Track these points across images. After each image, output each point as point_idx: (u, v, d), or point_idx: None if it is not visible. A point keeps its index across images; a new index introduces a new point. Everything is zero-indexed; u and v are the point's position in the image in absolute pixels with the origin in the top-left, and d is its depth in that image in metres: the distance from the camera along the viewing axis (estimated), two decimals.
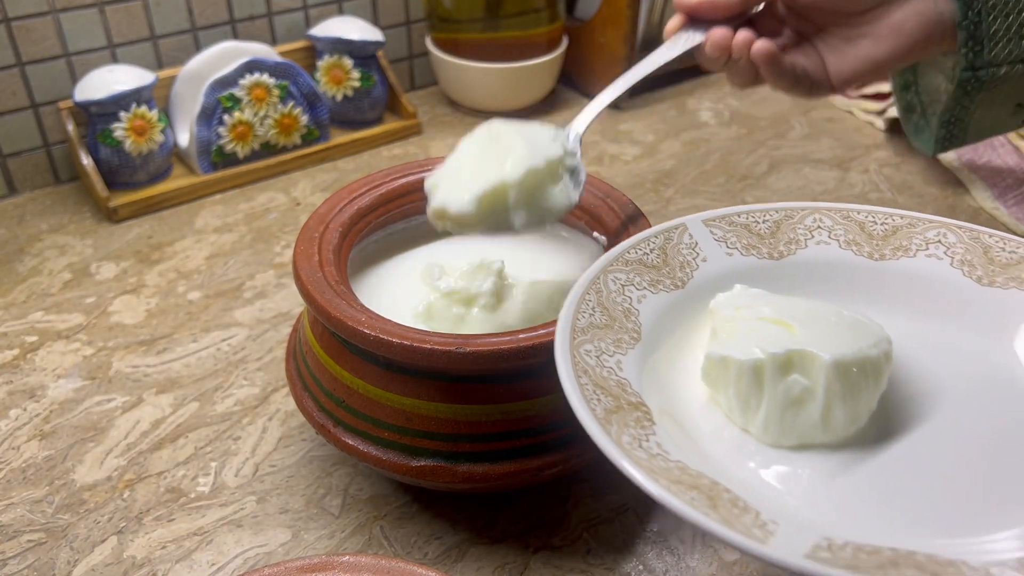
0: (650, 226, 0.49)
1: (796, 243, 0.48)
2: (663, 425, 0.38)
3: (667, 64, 0.52)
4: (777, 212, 0.48)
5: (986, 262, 0.46)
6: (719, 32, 0.50)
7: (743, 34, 0.49)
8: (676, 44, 0.51)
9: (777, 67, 0.50)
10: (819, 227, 0.48)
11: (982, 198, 0.76)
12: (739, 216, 0.48)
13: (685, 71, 0.98)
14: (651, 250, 0.46)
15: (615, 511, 0.49)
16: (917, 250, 0.47)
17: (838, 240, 0.47)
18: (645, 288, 0.44)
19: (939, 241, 0.47)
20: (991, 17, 0.46)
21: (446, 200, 0.45)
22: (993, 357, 0.43)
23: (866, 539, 0.34)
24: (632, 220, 0.49)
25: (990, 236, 0.47)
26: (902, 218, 0.48)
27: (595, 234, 0.52)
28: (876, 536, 0.34)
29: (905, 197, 0.78)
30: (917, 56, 0.49)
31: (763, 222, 0.48)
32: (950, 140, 0.54)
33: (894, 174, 0.81)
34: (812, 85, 0.52)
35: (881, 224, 0.48)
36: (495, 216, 0.46)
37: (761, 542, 0.32)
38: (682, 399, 0.41)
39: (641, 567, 0.46)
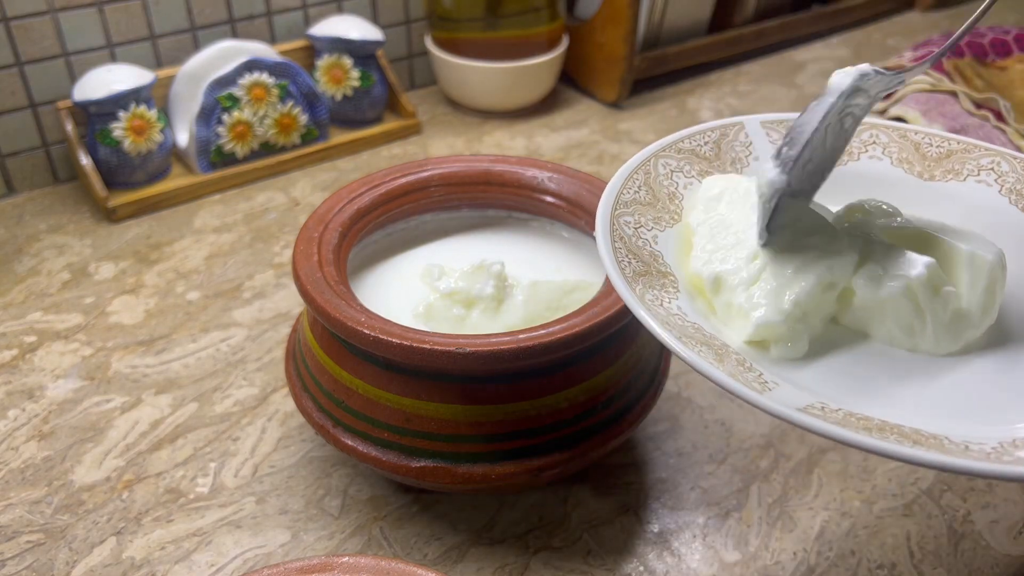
0: None
1: (849, 154, 0.47)
2: (689, 296, 0.38)
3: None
4: None
5: None
6: None
7: None
8: None
9: None
10: (874, 142, 0.47)
11: None
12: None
13: (686, 70, 0.98)
14: (705, 143, 0.46)
15: (615, 512, 0.49)
16: (968, 175, 0.46)
17: (891, 156, 0.47)
18: (693, 176, 0.44)
19: (991, 168, 0.46)
20: None
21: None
22: None
23: (860, 410, 0.34)
24: None
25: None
26: (959, 143, 0.47)
27: (595, 234, 0.51)
28: (870, 410, 0.35)
29: None
30: None
31: None
32: None
33: None
34: None
35: (936, 147, 0.47)
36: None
37: (758, 392, 0.33)
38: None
39: (641, 568, 0.46)
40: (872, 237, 0.39)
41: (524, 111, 0.91)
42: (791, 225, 0.38)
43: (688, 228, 0.42)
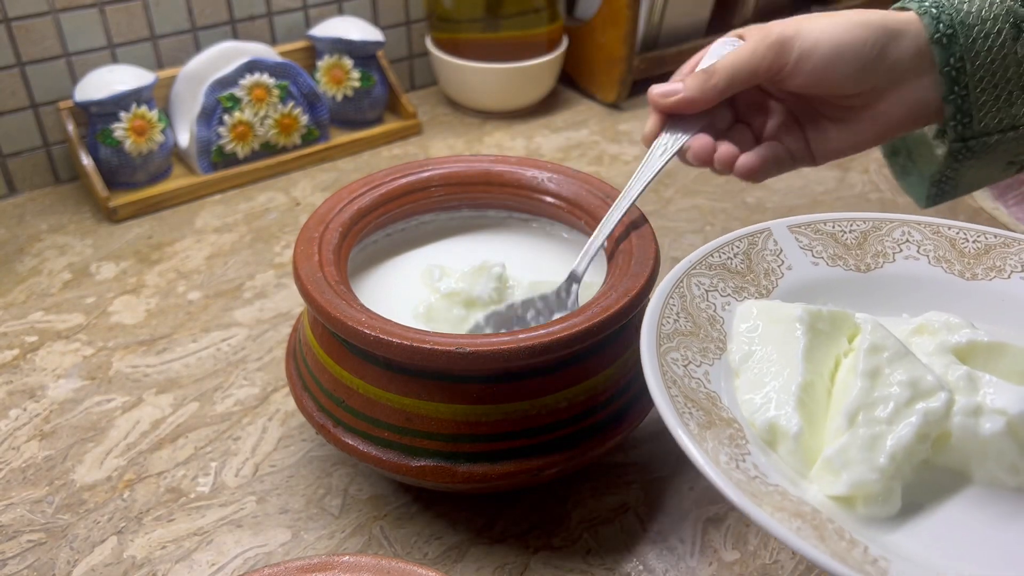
0: (650, 227, 0.49)
1: (884, 256, 0.46)
2: (755, 443, 0.36)
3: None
4: (864, 223, 0.47)
5: None
6: (700, 144, 0.48)
7: (725, 149, 0.48)
8: (657, 153, 0.48)
9: (764, 175, 0.49)
10: (908, 241, 0.46)
11: (982, 198, 0.76)
12: (825, 224, 0.47)
13: None
14: (735, 255, 0.45)
15: (615, 511, 0.49)
16: (1012, 272, 0.44)
17: (927, 256, 0.46)
18: (729, 295, 0.42)
19: None
20: (978, 89, 0.45)
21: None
22: None
23: None
24: (632, 220, 0.49)
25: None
26: (996, 237, 0.46)
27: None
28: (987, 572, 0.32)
29: (905, 198, 0.78)
30: (901, 133, 0.49)
31: (850, 232, 0.47)
32: (940, 196, 0.52)
33: None
34: (793, 162, 0.51)
35: (973, 242, 0.46)
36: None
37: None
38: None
39: (641, 567, 0.46)
40: (952, 361, 0.37)
41: (524, 112, 0.91)
42: (872, 352, 0.37)
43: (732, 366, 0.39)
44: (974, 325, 0.40)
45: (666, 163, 0.48)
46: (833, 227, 0.47)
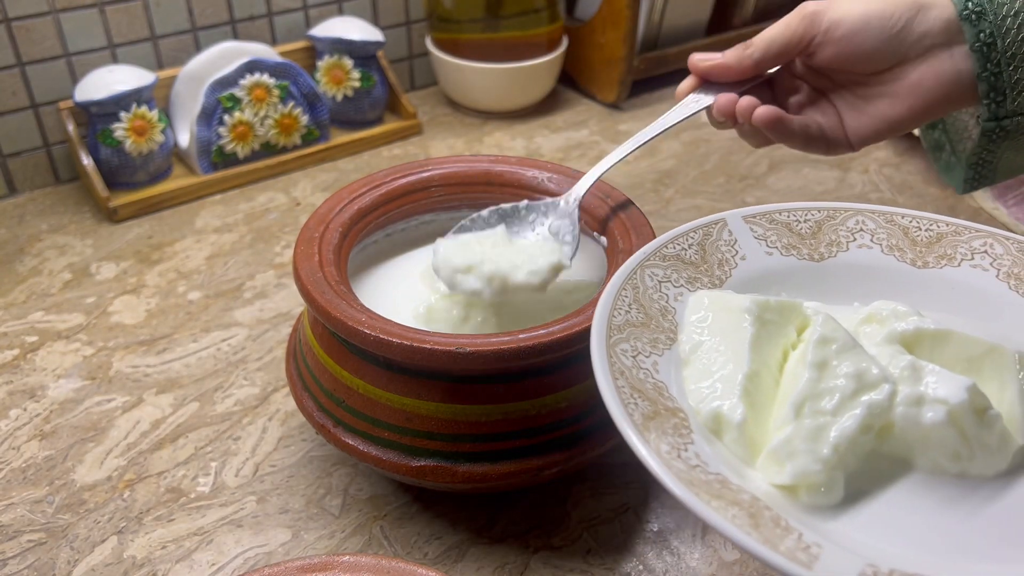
0: (650, 227, 0.49)
1: (837, 245, 0.46)
2: (700, 433, 0.36)
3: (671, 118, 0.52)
4: (819, 212, 0.47)
5: None
6: (724, 98, 0.50)
7: (747, 100, 0.49)
8: (686, 106, 0.51)
9: (783, 129, 0.49)
10: (861, 230, 0.47)
11: (982, 198, 0.76)
12: (780, 214, 0.47)
13: (685, 71, 0.98)
14: (689, 245, 0.45)
15: (615, 511, 0.49)
16: (962, 260, 0.45)
17: (880, 244, 0.46)
18: (682, 285, 0.43)
19: (985, 251, 0.45)
20: (1011, 67, 0.45)
21: None
22: None
23: (912, 568, 0.32)
24: (632, 220, 0.49)
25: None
26: (947, 225, 0.46)
27: (595, 234, 0.52)
28: (920, 563, 0.32)
29: (905, 197, 0.78)
30: (939, 114, 0.48)
31: (804, 221, 0.47)
32: (979, 180, 0.52)
33: (894, 174, 0.81)
34: (829, 144, 0.50)
35: (926, 230, 0.46)
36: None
37: (806, 567, 0.30)
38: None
39: (641, 567, 0.46)
40: (898, 350, 0.38)
41: (524, 112, 0.91)
42: (820, 344, 0.37)
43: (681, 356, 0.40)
44: (921, 313, 0.40)
45: (692, 114, 0.51)
46: (788, 216, 0.47)
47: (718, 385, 0.38)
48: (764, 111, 0.49)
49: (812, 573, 0.30)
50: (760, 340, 0.39)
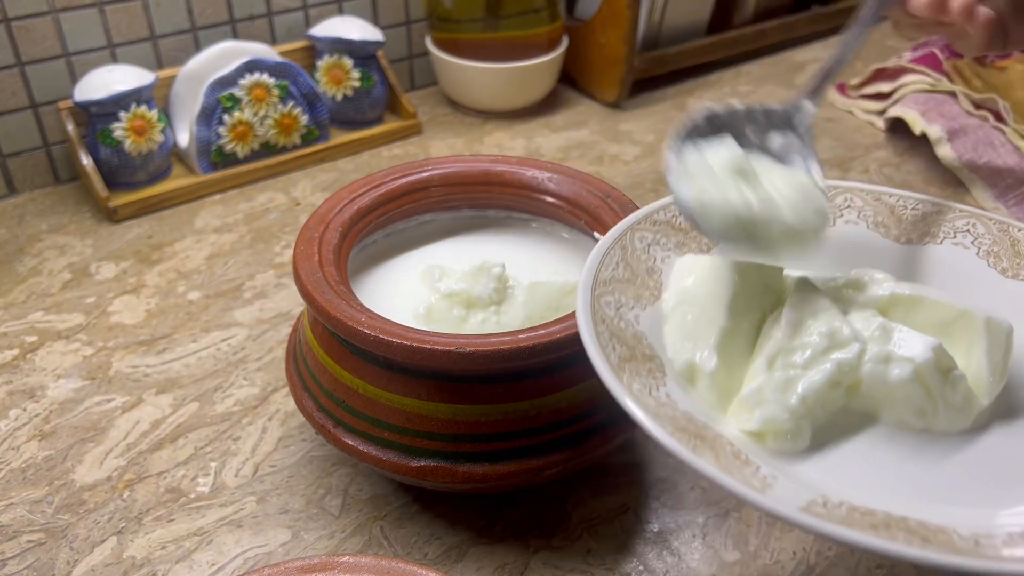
0: None
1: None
2: (674, 379, 0.38)
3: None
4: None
5: (1013, 255, 0.45)
6: None
7: None
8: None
9: (993, 37, 0.45)
10: (849, 207, 0.48)
11: (982, 198, 0.76)
12: None
13: (686, 71, 0.98)
14: (679, 213, 0.46)
15: (615, 511, 0.49)
16: (944, 237, 0.46)
17: (867, 220, 0.47)
18: (671, 249, 0.44)
19: (967, 231, 0.46)
20: None
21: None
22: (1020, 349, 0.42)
23: (861, 501, 0.34)
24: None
25: (1020, 230, 0.47)
26: (932, 205, 0.47)
27: (595, 234, 0.52)
28: (872, 501, 0.34)
29: None
30: None
31: None
32: None
33: (894, 174, 0.81)
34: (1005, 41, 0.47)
35: (911, 209, 0.47)
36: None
37: (758, 492, 0.32)
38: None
39: (641, 567, 0.46)
40: (872, 314, 0.39)
41: (524, 112, 0.91)
42: (798, 306, 0.39)
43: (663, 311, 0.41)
44: (897, 281, 0.42)
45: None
46: None
47: (695, 340, 0.39)
48: (986, 13, 0.44)
49: (763, 498, 0.31)
50: (739, 301, 0.40)
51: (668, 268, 0.43)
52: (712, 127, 0.43)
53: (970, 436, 0.38)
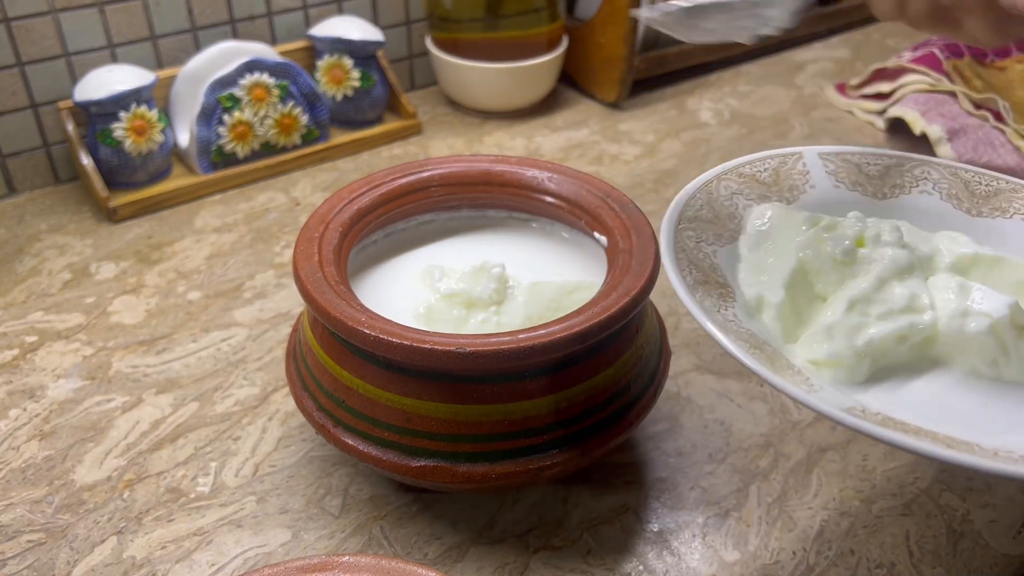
0: (650, 226, 0.49)
1: (900, 188, 0.51)
2: (742, 308, 0.42)
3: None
4: (890, 158, 0.52)
5: None
6: None
7: None
8: None
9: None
10: (926, 178, 0.51)
11: None
12: (853, 155, 0.52)
13: (685, 71, 0.98)
14: (764, 169, 0.50)
15: (615, 511, 0.49)
16: (1014, 212, 0.49)
17: (940, 192, 0.50)
18: (752, 199, 0.48)
19: None
20: None
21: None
22: None
23: (900, 417, 0.37)
24: (632, 220, 0.49)
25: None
26: (1007, 183, 0.50)
27: (595, 234, 0.52)
28: (912, 419, 0.37)
29: None
30: None
31: (874, 164, 0.51)
32: None
33: None
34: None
35: (986, 185, 0.50)
36: None
37: (804, 392, 0.36)
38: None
39: (641, 567, 0.46)
40: (951, 276, 0.43)
41: (524, 111, 0.91)
42: (889, 265, 0.42)
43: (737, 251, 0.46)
44: (979, 243, 0.46)
45: None
46: (859, 158, 0.52)
47: (764, 277, 0.44)
48: None
49: (808, 395, 0.35)
50: (809, 246, 0.44)
51: (747, 214, 0.47)
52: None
53: None
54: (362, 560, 0.36)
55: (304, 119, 0.80)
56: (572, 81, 0.96)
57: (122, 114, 0.72)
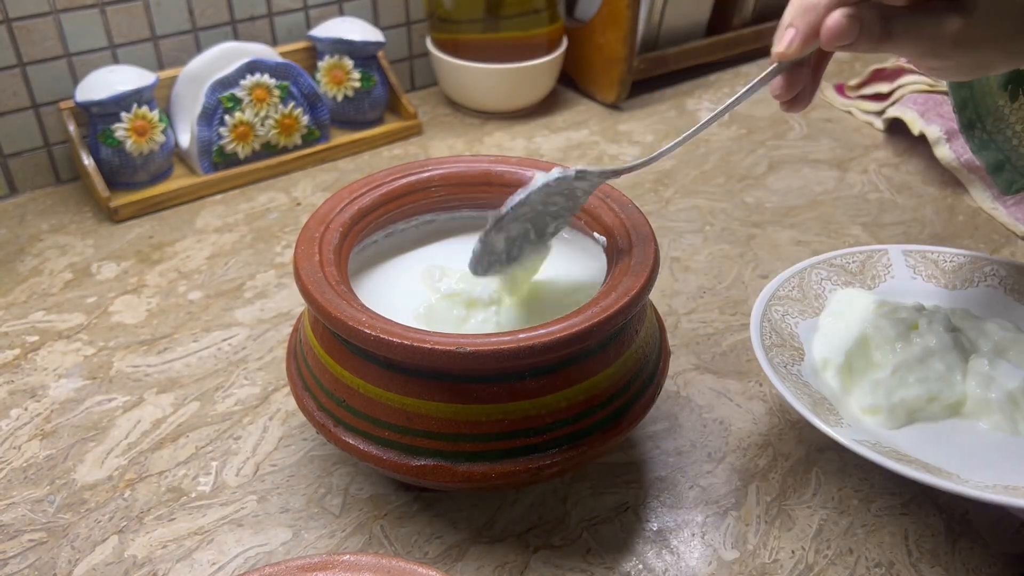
0: (650, 226, 0.49)
1: (969, 282, 0.60)
2: (810, 367, 0.53)
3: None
4: (964, 257, 0.61)
5: None
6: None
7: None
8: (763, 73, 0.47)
9: (847, 37, 0.43)
10: (994, 274, 0.60)
11: (981, 198, 0.76)
12: (931, 253, 0.61)
13: (685, 72, 0.98)
14: (854, 261, 0.60)
15: (615, 511, 0.49)
16: None
17: (1005, 287, 0.59)
18: (839, 285, 0.59)
19: None
20: None
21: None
22: None
23: (909, 451, 0.48)
24: (632, 220, 0.50)
25: None
26: None
27: (595, 234, 0.52)
28: (922, 455, 0.47)
29: (904, 197, 0.78)
30: None
31: (949, 262, 0.61)
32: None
33: (893, 174, 0.81)
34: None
35: None
36: None
37: (824, 423, 0.46)
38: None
39: (641, 566, 0.47)
40: (986, 355, 0.52)
41: (524, 112, 0.91)
42: (933, 342, 0.52)
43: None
44: (1020, 328, 0.55)
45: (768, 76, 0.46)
46: (937, 256, 0.61)
47: (834, 344, 0.54)
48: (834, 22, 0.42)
49: (823, 425, 0.46)
50: (872, 324, 0.54)
51: (831, 296, 0.58)
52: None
53: None
54: (363, 559, 0.36)
55: (305, 120, 0.80)
56: (572, 82, 0.96)
57: (123, 114, 0.72)
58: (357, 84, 0.82)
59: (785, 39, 0.44)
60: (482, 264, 0.48)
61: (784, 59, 0.45)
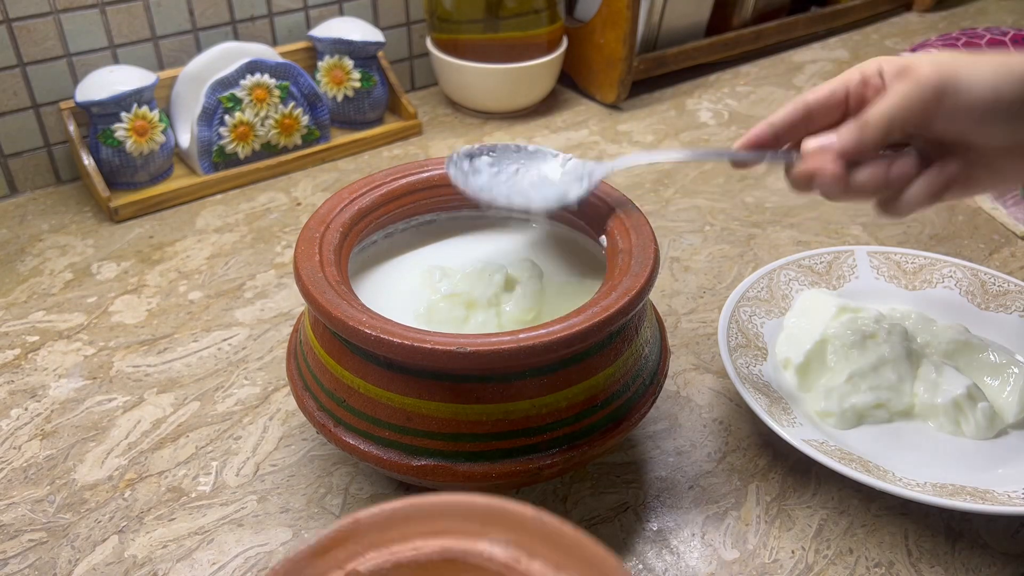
0: (650, 226, 0.49)
1: (929, 283, 0.63)
2: (772, 365, 0.56)
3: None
4: (925, 259, 0.63)
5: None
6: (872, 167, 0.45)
7: (902, 166, 0.45)
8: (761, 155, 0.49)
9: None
10: (951, 276, 0.62)
11: (981, 198, 0.76)
12: (895, 255, 0.64)
13: (684, 72, 0.98)
14: (821, 261, 0.63)
15: (615, 511, 0.49)
16: (1014, 310, 0.60)
17: (960, 288, 0.62)
18: (805, 285, 0.62)
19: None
20: None
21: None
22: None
23: (853, 450, 0.50)
24: (632, 220, 0.50)
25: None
26: (1015, 285, 0.61)
27: (595, 234, 0.52)
28: (866, 453, 0.51)
29: None
30: None
31: (911, 264, 0.63)
32: None
33: None
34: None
35: (997, 286, 0.61)
36: None
37: (778, 424, 0.50)
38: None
39: (641, 566, 0.47)
40: (936, 360, 0.55)
41: (524, 112, 0.91)
42: (887, 351, 0.54)
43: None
44: (969, 331, 0.58)
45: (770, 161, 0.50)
46: (900, 257, 0.64)
47: (796, 345, 0.57)
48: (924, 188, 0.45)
49: (777, 427, 0.50)
50: (832, 328, 0.56)
51: (797, 297, 0.60)
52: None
53: (992, 440, 0.53)
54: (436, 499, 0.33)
55: (305, 120, 0.80)
56: (572, 82, 0.96)
57: (123, 115, 0.72)
58: (357, 84, 0.82)
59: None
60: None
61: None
